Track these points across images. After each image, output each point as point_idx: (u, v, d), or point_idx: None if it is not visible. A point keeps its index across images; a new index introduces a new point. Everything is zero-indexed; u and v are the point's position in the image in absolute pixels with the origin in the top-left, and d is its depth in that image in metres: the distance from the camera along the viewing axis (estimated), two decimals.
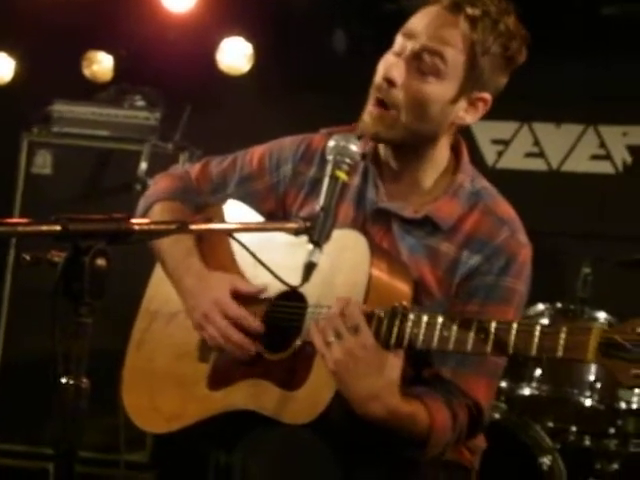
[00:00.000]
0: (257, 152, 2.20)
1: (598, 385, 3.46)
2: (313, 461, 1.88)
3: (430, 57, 1.91)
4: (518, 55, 1.99)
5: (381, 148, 2.06)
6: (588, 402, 3.47)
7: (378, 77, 1.96)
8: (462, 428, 1.92)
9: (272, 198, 2.16)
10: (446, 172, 2.05)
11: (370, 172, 2.06)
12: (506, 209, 2.03)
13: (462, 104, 1.97)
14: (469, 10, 1.91)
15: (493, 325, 1.70)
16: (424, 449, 1.88)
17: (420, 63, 1.92)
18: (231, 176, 2.21)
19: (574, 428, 3.52)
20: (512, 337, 1.67)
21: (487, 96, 1.99)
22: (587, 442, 3.53)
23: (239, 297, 2.06)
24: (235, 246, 2.14)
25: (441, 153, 2.04)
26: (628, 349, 1.57)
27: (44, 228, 1.38)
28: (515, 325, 1.68)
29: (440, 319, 1.75)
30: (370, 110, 1.96)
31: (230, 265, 2.15)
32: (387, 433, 1.85)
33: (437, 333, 1.75)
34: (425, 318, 1.77)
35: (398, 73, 1.92)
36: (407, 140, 1.98)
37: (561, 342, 1.62)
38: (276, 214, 2.16)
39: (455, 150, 2.08)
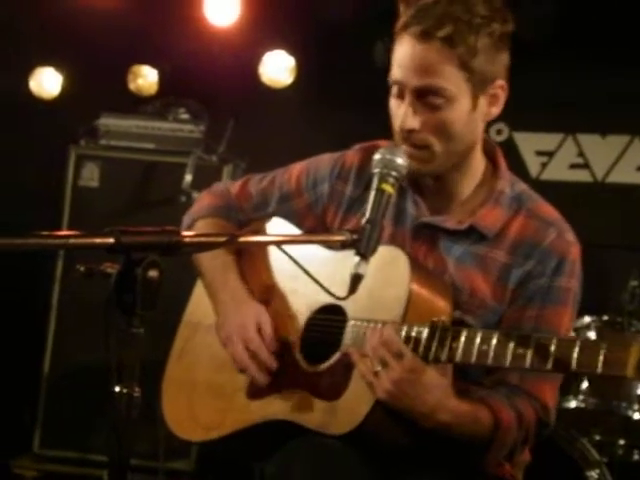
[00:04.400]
0: (295, 170, 2.23)
1: None
2: (350, 472, 1.89)
3: (430, 93, 1.91)
4: (505, 28, 1.95)
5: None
6: (636, 415, 3.42)
7: (396, 128, 1.97)
8: (529, 427, 1.92)
9: (311, 216, 2.19)
10: (484, 180, 2.05)
11: (407, 188, 2.06)
12: (549, 210, 2.04)
13: (482, 103, 1.97)
14: (440, 33, 1.89)
15: (534, 338, 1.70)
16: (488, 451, 1.88)
17: (426, 100, 1.92)
18: (271, 194, 2.24)
19: (622, 442, 3.47)
20: (552, 352, 1.67)
21: (501, 82, 1.98)
22: (636, 456, 3.48)
23: (278, 312, 2.09)
24: (273, 262, 2.18)
25: (476, 161, 2.04)
26: None
27: (97, 241, 1.40)
28: (555, 340, 1.68)
29: (480, 333, 1.76)
30: (405, 150, 1.93)
31: (270, 279, 2.18)
32: (444, 442, 1.86)
33: (476, 348, 1.75)
34: (464, 332, 1.78)
35: (411, 121, 1.93)
36: (448, 163, 1.99)
37: (600, 358, 1.61)
38: (317, 231, 2.18)
39: (490, 156, 2.08)
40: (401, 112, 1.94)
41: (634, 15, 4.28)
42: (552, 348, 1.67)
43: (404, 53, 1.93)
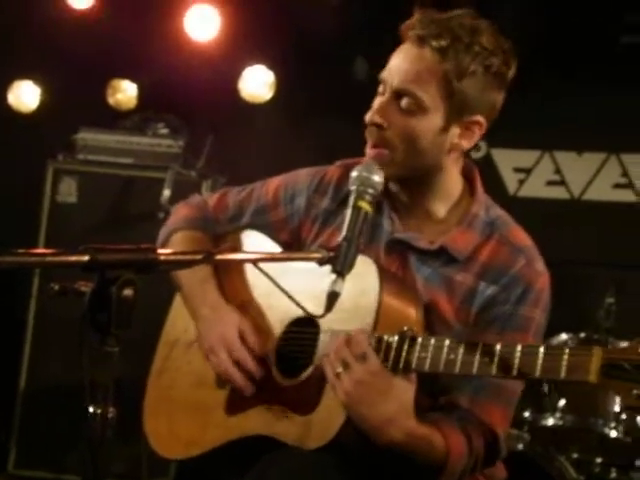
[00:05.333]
0: (273, 184, 2.23)
1: (624, 416, 3.42)
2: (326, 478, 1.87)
3: (406, 97, 1.94)
4: (504, 69, 1.97)
5: (390, 182, 2.07)
6: (613, 433, 3.43)
7: (367, 119, 1.99)
8: (478, 454, 1.91)
9: (287, 229, 2.19)
10: (460, 201, 2.06)
11: (384, 204, 2.07)
12: (522, 237, 2.03)
13: (455, 131, 1.97)
14: (434, 43, 1.91)
15: (498, 347, 1.70)
16: (441, 475, 1.87)
17: (401, 102, 1.94)
18: (247, 206, 2.24)
19: (599, 460, 3.48)
20: (516, 359, 1.67)
21: (480, 118, 1.98)
22: (613, 474, 3.49)
23: (253, 323, 2.10)
24: (250, 275, 2.18)
25: (451, 182, 2.05)
26: (628, 370, 1.55)
27: (72, 259, 1.39)
28: (519, 347, 1.68)
29: (447, 342, 1.76)
30: (368, 152, 1.99)
31: (246, 293, 2.18)
32: (403, 459, 1.84)
33: (444, 356, 1.75)
34: (432, 341, 1.77)
35: (382, 116, 1.96)
36: (407, 175, 2.01)
37: (564, 363, 1.61)
38: (291, 244, 2.18)
39: (467, 178, 2.09)
40: (376, 105, 1.98)
41: (612, 34, 4.33)
42: (517, 355, 1.67)
43: (398, 54, 1.98)
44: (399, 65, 1.96)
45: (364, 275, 1.92)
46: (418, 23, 1.95)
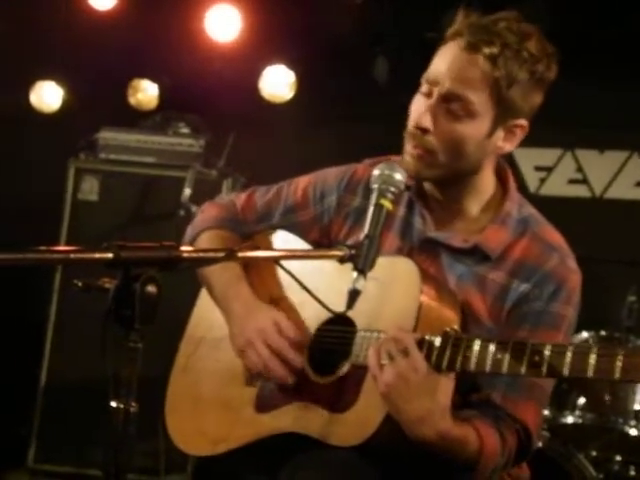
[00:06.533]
0: (302, 183, 2.23)
1: None
2: None
3: (456, 101, 1.93)
4: (547, 74, 1.98)
5: (425, 181, 2.08)
6: (633, 431, 3.42)
7: (411, 123, 1.98)
8: (511, 453, 1.92)
9: (316, 228, 2.19)
10: (493, 200, 2.06)
11: (415, 203, 2.08)
12: (555, 236, 2.04)
13: (499, 134, 1.98)
14: (486, 50, 1.91)
15: (548, 348, 1.70)
16: (472, 473, 1.88)
17: (448, 106, 1.93)
18: (276, 206, 2.24)
19: (618, 458, 3.47)
20: (568, 360, 1.68)
21: (523, 122, 2.00)
22: (632, 472, 3.48)
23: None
24: (282, 273, 2.17)
25: (485, 181, 2.05)
26: None
27: (96, 256, 1.40)
28: (571, 348, 1.69)
29: (493, 343, 1.76)
30: (410, 151, 1.97)
31: (278, 291, 2.18)
32: (434, 457, 1.85)
33: (490, 357, 1.75)
34: (477, 342, 1.78)
35: (428, 120, 1.94)
36: (449, 176, 2.00)
37: (618, 364, 1.62)
38: (321, 243, 2.18)
39: (500, 177, 2.09)
40: (422, 109, 1.96)
41: (633, 31, 4.31)
42: (568, 356, 1.68)
43: (447, 57, 1.95)
44: (450, 68, 1.93)
45: (404, 276, 1.92)
46: (468, 29, 1.94)
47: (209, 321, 2.23)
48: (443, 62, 1.96)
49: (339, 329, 2.01)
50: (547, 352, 1.70)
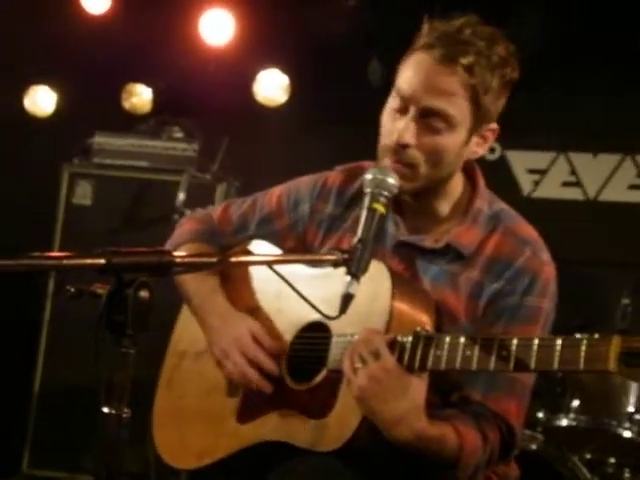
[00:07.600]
0: (276, 192, 2.24)
1: (637, 417, 3.41)
2: None
3: (435, 115, 1.92)
4: (513, 75, 1.98)
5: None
6: (627, 434, 3.42)
7: (389, 139, 1.96)
8: (493, 449, 1.92)
9: (292, 237, 2.20)
10: (462, 198, 2.07)
11: (388, 208, 2.08)
12: (527, 229, 2.04)
13: (474, 140, 1.99)
14: (463, 60, 1.90)
15: (514, 342, 1.70)
16: (455, 471, 1.88)
17: (428, 120, 1.93)
18: (251, 217, 2.25)
19: (613, 460, 3.48)
20: (534, 352, 1.67)
21: (494, 126, 2.01)
22: (626, 474, 3.48)
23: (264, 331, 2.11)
24: (256, 283, 2.21)
25: (454, 182, 2.06)
26: None
27: (89, 261, 1.40)
28: (536, 340, 1.68)
29: (462, 339, 1.76)
30: (392, 166, 1.94)
31: (254, 302, 2.20)
32: (415, 457, 1.85)
33: (460, 354, 1.75)
34: (447, 339, 1.78)
35: (410, 136, 1.93)
36: (428, 186, 2.01)
37: (582, 354, 1.61)
38: (297, 251, 2.19)
39: (468, 175, 2.09)
40: (400, 126, 1.94)
41: (628, 36, 4.32)
42: (534, 348, 1.67)
43: (420, 71, 1.93)
44: (425, 83, 1.92)
45: (375, 279, 1.92)
46: (438, 41, 1.92)
47: (192, 334, 2.25)
48: (416, 76, 1.93)
49: (314, 335, 2.02)
50: (514, 346, 1.69)
